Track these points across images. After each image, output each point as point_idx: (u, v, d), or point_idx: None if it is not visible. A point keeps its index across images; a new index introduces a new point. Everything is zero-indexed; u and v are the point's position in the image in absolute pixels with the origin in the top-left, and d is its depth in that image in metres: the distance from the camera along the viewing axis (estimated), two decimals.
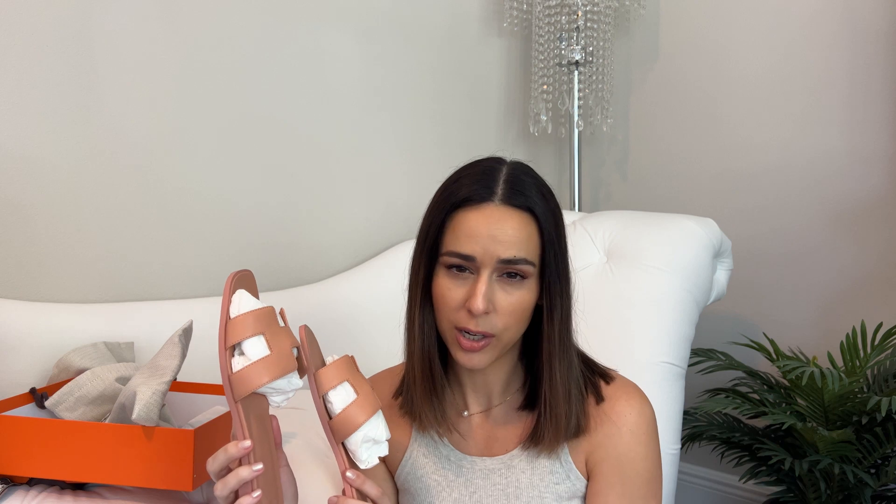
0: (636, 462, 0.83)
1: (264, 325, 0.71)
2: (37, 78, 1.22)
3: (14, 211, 1.21)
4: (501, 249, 0.77)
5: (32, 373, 1.11)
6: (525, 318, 0.80)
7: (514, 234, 0.77)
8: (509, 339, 0.81)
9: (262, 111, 1.54)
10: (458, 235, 0.78)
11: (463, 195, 0.79)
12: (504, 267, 0.78)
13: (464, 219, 0.79)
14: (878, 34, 1.66)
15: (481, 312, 0.76)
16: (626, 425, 0.83)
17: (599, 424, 0.84)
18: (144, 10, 1.34)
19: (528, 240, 0.78)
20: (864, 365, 1.42)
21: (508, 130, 2.11)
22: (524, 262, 0.77)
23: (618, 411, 0.84)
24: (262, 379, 0.68)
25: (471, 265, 0.78)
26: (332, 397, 0.73)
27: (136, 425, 0.87)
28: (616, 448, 0.83)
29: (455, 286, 0.79)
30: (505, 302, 0.78)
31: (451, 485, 0.87)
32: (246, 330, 0.69)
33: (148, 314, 1.26)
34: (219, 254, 1.48)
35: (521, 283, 0.78)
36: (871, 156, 1.69)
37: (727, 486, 1.94)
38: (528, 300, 0.79)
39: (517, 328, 0.80)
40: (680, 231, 1.46)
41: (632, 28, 2.07)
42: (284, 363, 0.70)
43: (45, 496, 0.91)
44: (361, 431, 0.73)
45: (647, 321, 1.35)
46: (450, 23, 1.92)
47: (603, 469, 0.83)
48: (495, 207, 0.78)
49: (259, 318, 0.71)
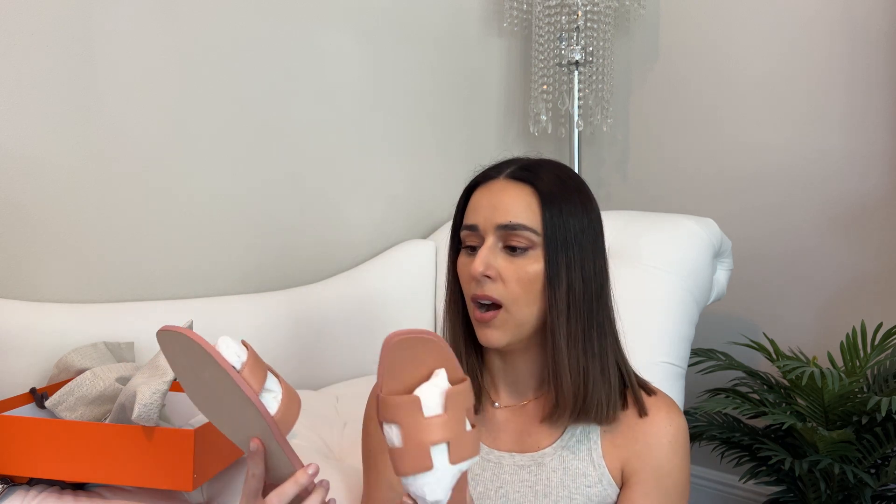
0: (674, 473, 0.85)
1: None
2: (37, 78, 1.22)
3: (14, 211, 1.21)
4: (499, 216, 0.81)
5: (32, 373, 1.11)
6: (533, 291, 0.81)
7: (510, 201, 0.82)
8: (521, 316, 0.81)
9: (261, 111, 1.53)
10: (468, 211, 0.85)
11: (476, 178, 0.87)
12: (504, 235, 0.81)
13: (473, 196, 0.86)
14: (878, 35, 1.66)
15: (480, 274, 0.80)
16: (666, 437, 0.85)
17: (641, 435, 0.85)
18: (145, 11, 1.34)
19: (526, 208, 0.81)
20: (864, 365, 1.42)
21: (508, 130, 2.11)
22: (522, 228, 0.80)
23: (658, 423, 0.85)
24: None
25: (476, 237, 0.83)
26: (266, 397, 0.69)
27: (137, 425, 0.87)
28: (656, 459, 0.84)
29: (469, 261, 0.83)
30: (508, 270, 0.80)
31: (477, 478, 0.87)
32: (434, 434, 0.62)
33: (148, 314, 1.26)
34: (219, 254, 1.48)
35: (523, 254, 0.81)
36: (871, 156, 1.69)
37: (727, 486, 1.94)
38: (534, 270, 0.81)
39: (526, 300, 0.81)
40: (680, 231, 1.46)
41: (632, 28, 2.08)
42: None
43: (45, 496, 0.91)
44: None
45: (647, 321, 1.35)
46: (450, 23, 1.92)
47: (641, 478, 0.85)
48: (498, 182, 0.84)
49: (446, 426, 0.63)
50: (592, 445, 0.85)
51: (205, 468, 0.89)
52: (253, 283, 1.52)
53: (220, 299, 1.40)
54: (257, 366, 0.67)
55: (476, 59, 2.01)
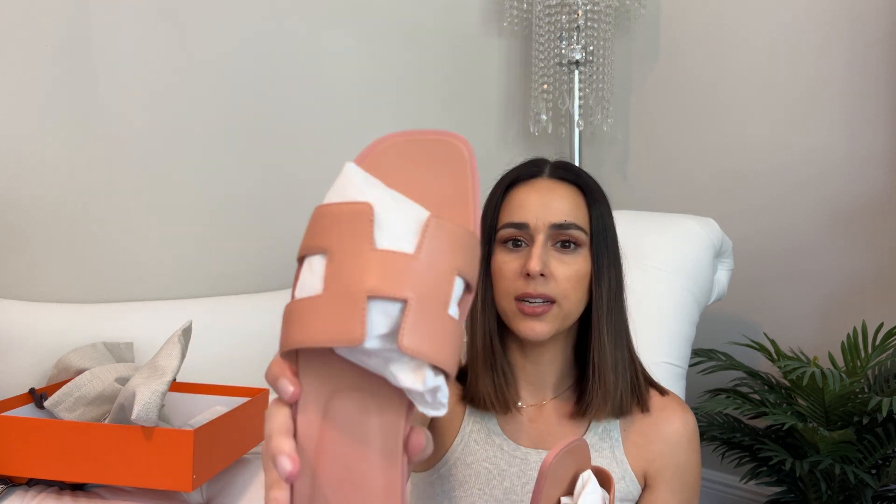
0: (693, 471, 0.88)
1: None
2: (36, 78, 1.22)
3: (13, 211, 1.21)
4: (552, 215, 0.82)
5: (32, 373, 1.11)
6: (582, 289, 0.83)
7: (563, 201, 0.83)
8: (569, 309, 0.83)
9: (261, 111, 1.53)
10: (511, 209, 0.85)
11: (514, 175, 0.87)
12: (556, 233, 0.82)
13: (516, 194, 0.85)
14: (878, 33, 1.66)
15: (537, 273, 0.80)
16: (685, 435, 0.88)
17: (661, 434, 0.87)
18: (144, 11, 1.34)
19: (577, 208, 0.84)
20: (865, 365, 1.42)
21: (508, 130, 2.11)
22: (574, 227, 0.82)
23: (676, 422, 0.88)
24: None
25: (524, 235, 0.83)
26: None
27: (136, 425, 0.87)
28: (678, 457, 0.87)
29: (512, 259, 0.83)
30: (560, 270, 0.82)
31: (503, 474, 0.87)
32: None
33: (147, 314, 1.26)
34: (218, 254, 1.47)
35: (574, 252, 0.83)
36: (872, 156, 1.68)
37: (728, 487, 1.93)
38: (583, 268, 0.83)
39: (575, 297, 0.83)
40: (681, 231, 1.46)
41: (632, 27, 2.07)
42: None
43: (44, 496, 0.90)
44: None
45: (647, 321, 1.35)
46: (450, 22, 1.92)
47: (665, 478, 0.87)
48: (545, 180, 0.85)
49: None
50: (614, 444, 0.87)
51: (204, 469, 0.89)
52: (253, 283, 1.52)
53: (220, 299, 1.40)
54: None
55: (476, 58, 2.00)
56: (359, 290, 0.37)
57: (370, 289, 0.37)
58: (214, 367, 1.22)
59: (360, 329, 0.37)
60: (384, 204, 0.40)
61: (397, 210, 0.40)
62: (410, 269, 0.38)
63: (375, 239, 0.39)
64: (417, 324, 0.37)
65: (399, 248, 0.39)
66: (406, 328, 0.37)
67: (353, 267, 0.38)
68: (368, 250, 0.38)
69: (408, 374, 0.38)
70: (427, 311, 0.38)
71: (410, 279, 0.38)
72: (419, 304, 0.38)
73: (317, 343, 0.38)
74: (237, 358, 1.28)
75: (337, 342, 0.37)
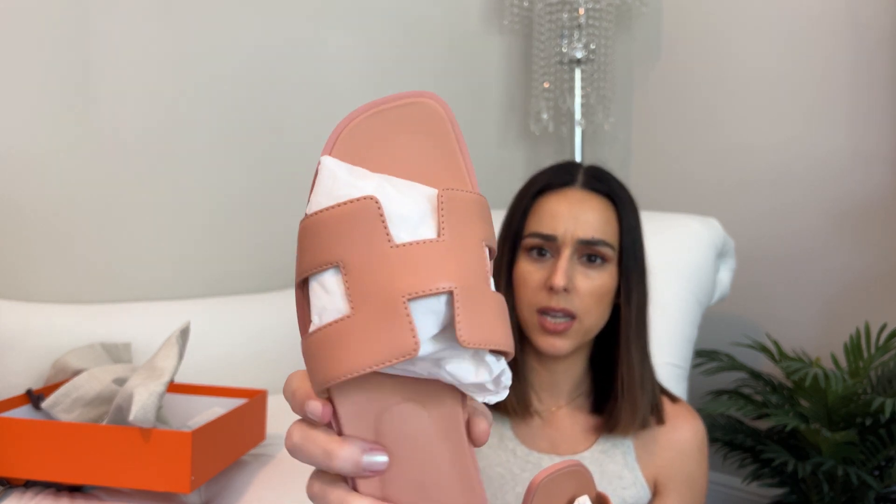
0: (702, 479, 0.89)
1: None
2: (34, 77, 1.21)
3: (10, 211, 1.20)
4: (581, 230, 0.80)
5: (29, 374, 1.10)
6: (605, 304, 0.82)
7: (594, 216, 0.81)
8: (590, 325, 0.82)
9: (261, 111, 1.53)
10: (540, 217, 0.82)
11: (545, 181, 0.85)
12: (584, 248, 0.80)
13: (546, 202, 0.83)
14: (883, 34, 1.65)
15: (561, 288, 0.78)
16: (695, 443, 0.88)
17: (672, 443, 0.87)
18: (143, 10, 1.33)
19: (607, 223, 0.82)
20: (868, 366, 1.41)
21: (509, 129, 2.10)
22: (603, 244, 0.80)
23: (686, 431, 0.88)
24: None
25: (551, 246, 0.81)
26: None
27: (134, 427, 0.86)
28: (688, 465, 0.87)
29: (536, 269, 0.82)
30: (584, 284, 0.80)
31: (516, 478, 0.87)
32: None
33: (145, 315, 1.25)
34: (218, 254, 1.47)
35: (600, 267, 0.81)
36: (875, 156, 1.68)
37: (730, 489, 1.93)
38: (608, 284, 0.81)
39: (597, 313, 0.82)
40: (683, 231, 1.45)
41: (634, 25, 2.06)
42: None
43: (41, 498, 0.90)
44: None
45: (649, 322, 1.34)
46: (450, 21, 1.91)
47: (675, 485, 0.87)
48: (577, 191, 0.83)
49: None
50: (626, 450, 0.87)
51: (202, 470, 0.88)
52: (252, 283, 1.51)
53: (219, 300, 1.39)
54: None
55: (477, 57, 2.00)
56: (395, 295, 0.33)
57: (407, 290, 0.33)
58: (213, 368, 1.22)
59: (412, 337, 0.33)
60: (384, 192, 0.35)
61: (401, 195, 0.35)
62: (442, 255, 0.34)
63: (392, 234, 0.34)
64: (470, 312, 0.33)
65: (421, 237, 0.34)
66: (461, 321, 0.33)
67: (378, 272, 0.33)
68: (389, 248, 0.34)
69: (469, 370, 0.35)
70: (473, 295, 0.34)
71: (446, 266, 0.33)
72: (463, 290, 0.33)
73: (366, 369, 0.33)
74: (235, 359, 1.28)
75: (388, 360, 0.33)
